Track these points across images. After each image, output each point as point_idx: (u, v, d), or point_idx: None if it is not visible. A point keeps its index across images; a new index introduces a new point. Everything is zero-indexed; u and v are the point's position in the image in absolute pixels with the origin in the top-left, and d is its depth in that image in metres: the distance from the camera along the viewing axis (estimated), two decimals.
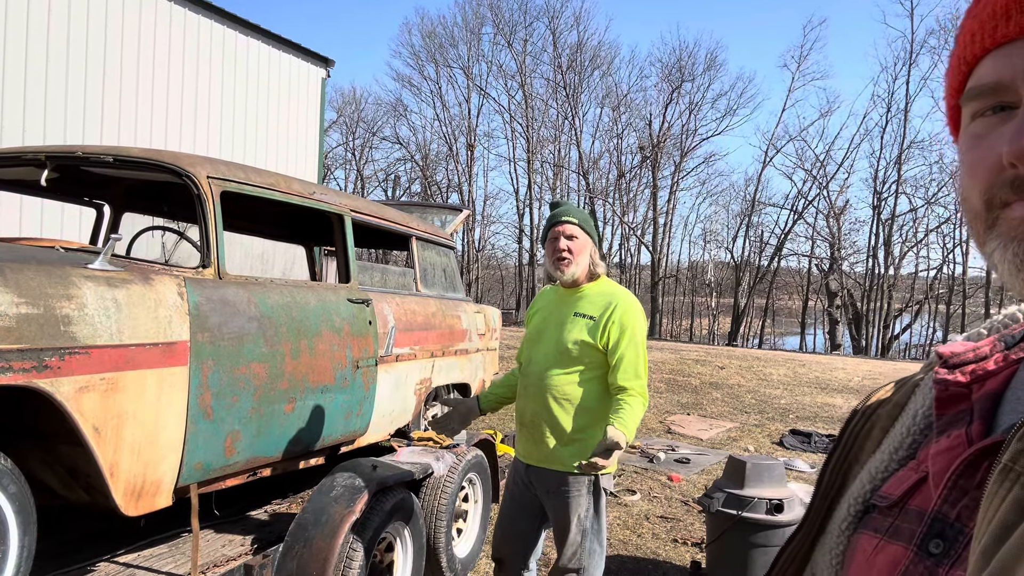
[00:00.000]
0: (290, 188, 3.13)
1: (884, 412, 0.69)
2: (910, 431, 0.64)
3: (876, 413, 0.70)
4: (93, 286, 2.13)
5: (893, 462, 0.63)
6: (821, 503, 0.70)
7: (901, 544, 0.56)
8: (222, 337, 2.55)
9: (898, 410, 0.67)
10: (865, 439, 0.70)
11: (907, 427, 0.64)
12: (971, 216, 0.55)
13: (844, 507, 0.65)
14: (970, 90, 0.54)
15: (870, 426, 0.70)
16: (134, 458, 2.24)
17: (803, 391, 11.30)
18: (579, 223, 2.50)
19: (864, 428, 0.71)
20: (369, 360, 3.41)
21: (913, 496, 0.58)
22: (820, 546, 0.67)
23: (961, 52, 0.55)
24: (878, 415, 0.70)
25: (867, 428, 0.70)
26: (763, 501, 3.58)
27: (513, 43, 34.53)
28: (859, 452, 0.69)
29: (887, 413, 0.69)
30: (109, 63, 8.62)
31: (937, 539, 0.53)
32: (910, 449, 0.63)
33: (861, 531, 0.62)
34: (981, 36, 0.52)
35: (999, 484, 0.45)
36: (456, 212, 5.38)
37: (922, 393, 0.65)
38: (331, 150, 35.96)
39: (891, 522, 0.59)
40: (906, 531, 0.56)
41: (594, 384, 2.45)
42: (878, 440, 0.68)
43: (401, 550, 3.15)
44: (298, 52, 11.57)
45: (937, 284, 31.46)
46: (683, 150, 34.21)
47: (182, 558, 2.63)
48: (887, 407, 0.69)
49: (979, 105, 0.53)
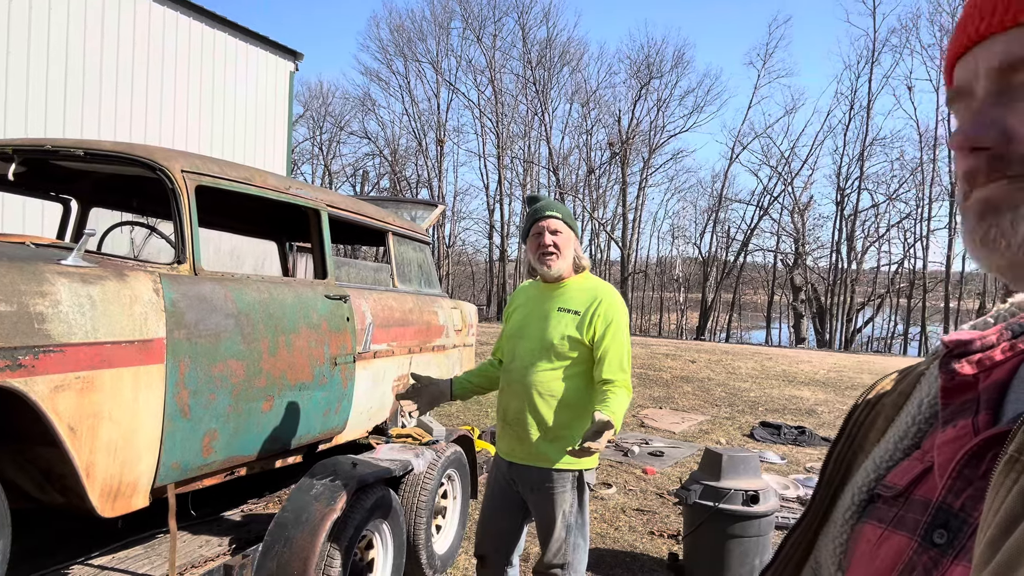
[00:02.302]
0: (265, 183, 3.08)
1: (889, 402, 0.69)
2: (915, 420, 0.64)
3: (881, 403, 0.70)
4: (67, 283, 2.07)
5: (898, 451, 0.63)
6: (825, 492, 0.70)
7: (905, 534, 0.56)
8: (199, 334, 2.50)
9: (903, 399, 0.68)
10: (870, 429, 0.70)
11: (912, 416, 0.64)
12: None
13: (848, 496, 0.65)
14: (948, 93, 0.59)
15: (874, 416, 0.70)
16: (110, 458, 2.19)
17: (771, 384, 11.48)
18: (563, 217, 2.50)
19: (868, 418, 0.71)
20: (347, 357, 3.38)
21: (918, 486, 0.58)
22: (824, 535, 0.67)
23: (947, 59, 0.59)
24: (883, 404, 0.70)
25: (871, 418, 0.70)
26: (739, 492, 3.63)
27: (482, 38, 34.43)
28: (863, 441, 0.69)
29: (892, 403, 0.69)
30: (71, 56, 8.40)
31: (941, 529, 0.53)
32: (915, 439, 0.63)
33: (865, 520, 0.62)
34: (953, 44, 0.57)
35: (1005, 474, 0.45)
36: (431, 207, 5.35)
37: (927, 382, 0.65)
38: (298, 144, 35.51)
39: (895, 512, 0.59)
40: (910, 521, 0.56)
41: (578, 379, 2.45)
42: (883, 430, 0.68)
43: (381, 547, 3.13)
44: (266, 45, 11.40)
45: (898, 278, 32.16)
46: (651, 146, 34.45)
47: (159, 559, 2.58)
48: (892, 396, 0.70)
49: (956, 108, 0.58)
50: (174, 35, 9.78)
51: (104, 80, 8.82)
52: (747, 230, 33.70)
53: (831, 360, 15.65)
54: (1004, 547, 0.41)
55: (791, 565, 0.71)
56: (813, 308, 32.00)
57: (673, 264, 40.06)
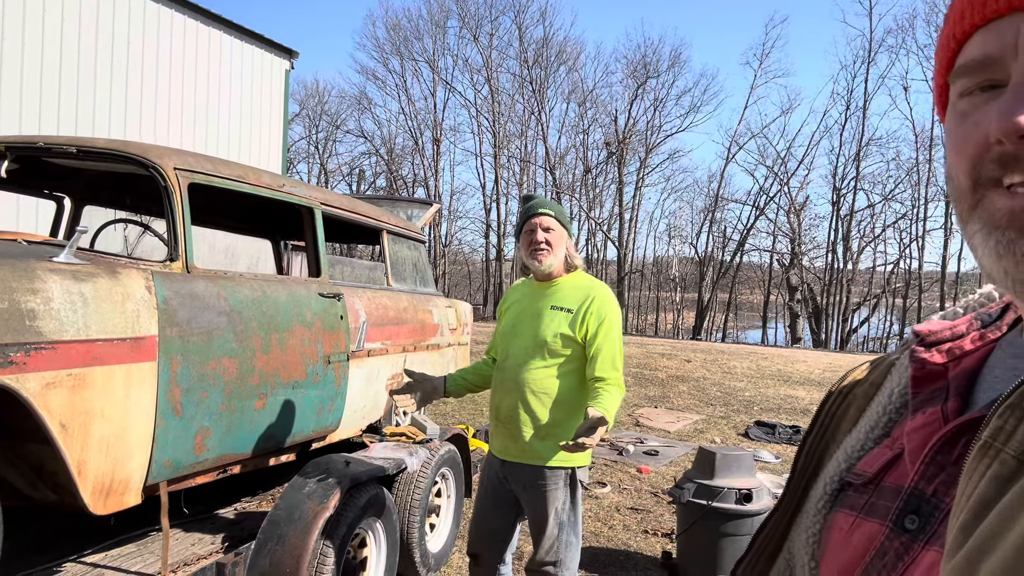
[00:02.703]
0: (259, 180, 3.08)
1: (860, 392, 0.70)
2: (886, 410, 0.64)
3: (852, 393, 0.71)
4: (59, 280, 2.07)
5: (869, 441, 0.64)
6: (798, 483, 0.70)
7: (877, 521, 0.56)
8: (191, 332, 2.50)
9: (874, 389, 0.68)
10: (841, 419, 0.70)
11: (883, 406, 0.65)
12: (956, 194, 0.55)
13: (820, 486, 0.65)
14: (959, 67, 0.54)
15: (846, 406, 0.71)
16: (102, 456, 2.19)
17: (766, 383, 11.50)
18: (555, 215, 2.51)
19: (840, 408, 0.71)
20: (341, 355, 3.37)
21: (888, 473, 0.59)
22: (797, 525, 0.67)
23: (951, 30, 0.55)
24: (854, 395, 0.70)
25: (843, 408, 0.71)
26: (732, 491, 3.64)
27: (479, 37, 34.40)
28: (835, 432, 0.70)
29: (863, 393, 0.69)
30: (66, 54, 8.38)
31: (913, 515, 0.54)
32: (886, 428, 0.64)
33: (837, 509, 0.62)
34: (971, 13, 0.52)
35: (978, 460, 0.45)
36: (426, 206, 5.34)
37: (898, 372, 0.66)
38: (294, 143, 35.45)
39: (866, 499, 0.59)
40: (881, 508, 0.57)
41: (571, 377, 2.46)
42: (854, 419, 0.68)
43: (374, 546, 3.13)
44: (261, 43, 11.38)
45: (894, 278, 32.22)
46: (648, 146, 34.48)
47: (151, 557, 2.58)
48: (863, 387, 0.70)
49: (968, 83, 0.53)
50: (169, 33, 9.76)
51: (99, 78, 8.80)
52: (743, 230, 33.76)
53: (827, 360, 15.68)
54: (976, 532, 0.42)
55: (765, 556, 0.71)
56: (809, 308, 32.04)
57: (669, 264, 40.09)
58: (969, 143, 0.52)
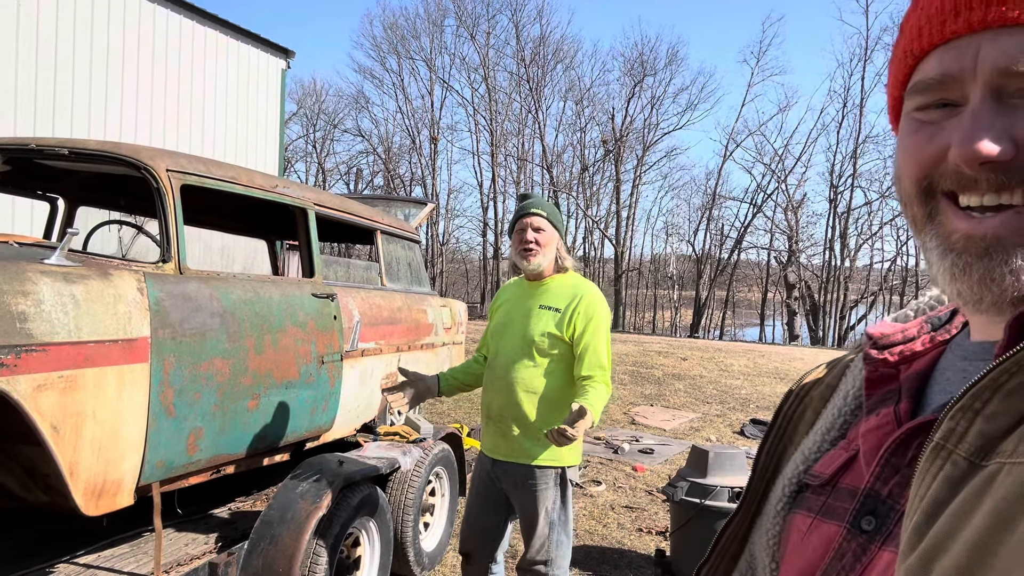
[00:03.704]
0: (252, 181, 3.08)
1: (816, 394, 0.71)
2: (841, 412, 0.65)
3: (809, 395, 0.72)
4: (50, 282, 2.08)
5: (825, 442, 0.65)
6: (758, 485, 0.71)
7: (834, 522, 0.57)
8: (184, 333, 2.51)
9: (830, 391, 0.69)
10: (799, 421, 0.71)
11: (838, 408, 0.66)
12: (904, 198, 0.56)
13: (779, 488, 0.66)
14: (916, 84, 0.54)
15: (803, 408, 0.72)
16: (94, 457, 2.19)
17: (763, 381, 11.52)
18: (547, 216, 2.52)
19: (798, 410, 0.72)
20: (334, 355, 3.38)
21: (844, 474, 0.60)
22: (757, 527, 0.68)
23: (908, 45, 0.55)
24: (811, 397, 0.71)
25: (800, 410, 0.72)
26: (725, 489, 3.66)
27: (476, 36, 34.43)
28: (793, 433, 0.71)
29: (819, 395, 0.70)
30: (60, 55, 8.37)
31: (869, 516, 0.54)
32: (841, 430, 0.65)
33: (795, 511, 0.63)
34: (929, 31, 0.53)
35: (931, 462, 0.46)
36: (421, 205, 5.35)
37: (852, 374, 0.67)
38: (291, 143, 35.41)
39: (823, 500, 0.60)
40: (838, 509, 0.57)
41: (560, 376, 2.47)
42: (811, 421, 0.69)
43: (368, 545, 3.14)
44: (258, 43, 11.38)
45: (891, 276, 32.31)
46: (645, 144, 34.52)
47: (144, 557, 2.59)
48: (819, 388, 0.71)
49: (923, 100, 0.54)
50: (164, 32, 9.74)
51: (93, 78, 8.79)
52: (741, 227, 33.82)
53: (824, 357, 15.66)
54: (930, 532, 0.42)
55: (727, 558, 0.72)
56: (807, 305, 32.10)
57: (667, 261, 40.12)
58: (921, 152, 0.54)
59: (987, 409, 0.44)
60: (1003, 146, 0.48)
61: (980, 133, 0.48)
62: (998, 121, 0.48)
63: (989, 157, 0.48)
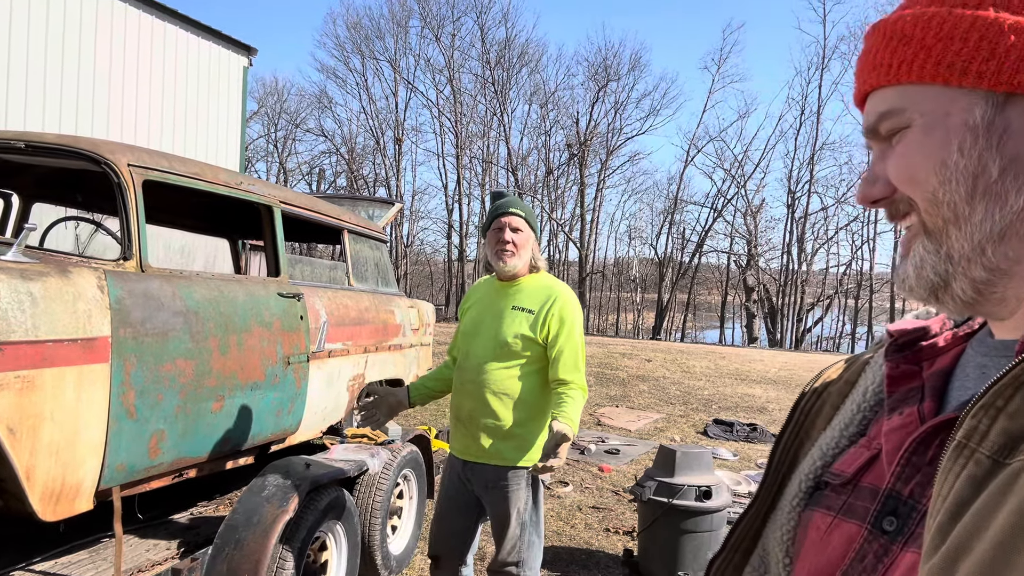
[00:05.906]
0: (216, 178, 3.02)
1: (835, 390, 0.71)
2: (860, 408, 0.65)
3: (827, 391, 0.72)
4: (6, 279, 2.00)
5: (844, 439, 0.64)
6: (772, 480, 0.70)
7: (855, 522, 0.57)
8: (145, 333, 2.44)
9: (848, 388, 0.69)
10: (816, 416, 0.71)
11: (857, 404, 0.65)
12: None
13: (795, 484, 0.66)
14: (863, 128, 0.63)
15: (821, 404, 0.71)
16: (52, 460, 2.12)
17: (724, 382, 11.68)
18: (525, 216, 2.50)
19: (815, 406, 0.72)
20: (300, 356, 3.33)
21: (865, 473, 0.59)
22: (771, 522, 0.68)
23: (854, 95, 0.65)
24: (828, 393, 0.71)
25: (818, 406, 0.71)
26: (692, 488, 3.69)
27: (441, 37, 34.26)
28: (810, 429, 0.71)
29: (837, 391, 0.70)
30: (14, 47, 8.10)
31: (891, 516, 0.54)
32: (860, 426, 0.64)
33: (813, 509, 0.62)
34: (855, 89, 0.63)
35: (953, 461, 0.45)
36: (388, 205, 5.30)
37: (872, 371, 0.66)
38: (252, 142, 34.83)
39: (844, 500, 0.59)
40: (860, 509, 0.57)
41: (532, 378, 2.46)
42: (829, 417, 0.69)
43: (335, 549, 3.09)
44: (219, 39, 11.17)
45: (846, 279, 33.06)
46: (609, 148, 34.75)
47: (104, 564, 2.51)
48: (837, 385, 0.71)
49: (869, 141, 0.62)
50: (123, 28, 9.51)
51: (48, 72, 8.54)
52: (702, 232, 34.29)
53: (782, 359, 16.00)
54: (953, 532, 0.42)
55: (739, 552, 0.72)
56: (765, 308, 32.68)
57: (630, 265, 40.48)
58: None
59: (1010, 406, 0.44)
60: (877, 188, 0.58)
61: (863, 183, 0.60)
62: (877, 166, 0.58)
63: (868, 200, 0.59)
